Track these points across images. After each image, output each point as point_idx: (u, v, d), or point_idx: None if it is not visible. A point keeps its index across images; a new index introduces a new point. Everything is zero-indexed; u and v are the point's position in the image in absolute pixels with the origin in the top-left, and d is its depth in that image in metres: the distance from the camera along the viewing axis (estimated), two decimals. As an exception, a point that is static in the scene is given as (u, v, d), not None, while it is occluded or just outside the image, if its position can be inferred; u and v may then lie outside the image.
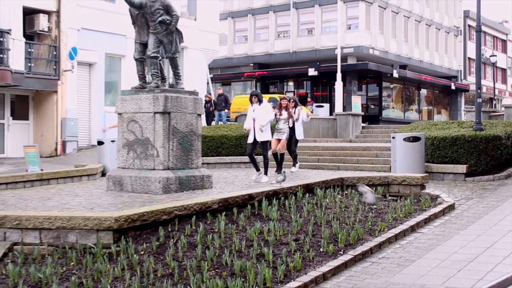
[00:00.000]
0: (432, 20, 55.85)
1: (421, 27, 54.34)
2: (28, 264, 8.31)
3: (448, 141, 16.80)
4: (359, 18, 46.50)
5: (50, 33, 27.90)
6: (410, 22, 52.62)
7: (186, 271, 7.70)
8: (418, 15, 53.59)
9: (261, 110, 15.56)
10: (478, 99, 18.66)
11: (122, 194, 13.42)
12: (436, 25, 56.72)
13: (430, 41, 55.90)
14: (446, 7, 58.86)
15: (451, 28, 59.86)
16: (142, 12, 13.96)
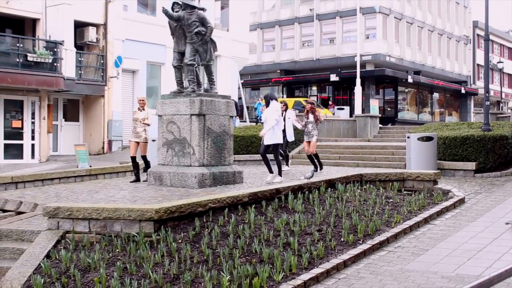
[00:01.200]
0: (443, 29, 55.34)
1: (433, 36, 53.87)
2: (78, 250, 8.38)
3: (459, 140, 16.68)
4: (376, 28, 46.25)
5: (98, 43, 28.13)
6: (424, 32, 52.20)
7: (219, 258, 7.71)
8: (431, 25, 53.13)
9: (267, 112, 14.50)
10: (487, 102, 18.51)
11: (162, 188, 13.49)
12: (447, 34, 56.19)
13: (442, 49, 55.41)
14: (457, 17, 58.31)
15: (461, 37, 59.27)
16: (180, 24, 14.02)
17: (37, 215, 10.75)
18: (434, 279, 7.24)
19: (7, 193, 13.60)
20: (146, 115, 15.15)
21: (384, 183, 13.00)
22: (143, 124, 15.05)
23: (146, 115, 15.14)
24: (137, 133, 15.11)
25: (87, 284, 7.30)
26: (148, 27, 29.18)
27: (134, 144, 15.18)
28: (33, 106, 25.26)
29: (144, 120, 15.04)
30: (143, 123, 15.07)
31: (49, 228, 9.11)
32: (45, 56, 24.41)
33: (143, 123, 15.07)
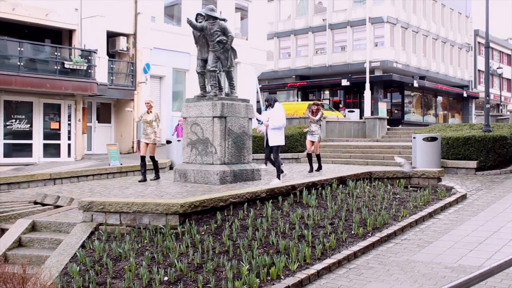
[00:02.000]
0: (447, 38, 54.99)
1: (437, 44, 53.52)
2: (110, 241, 8.43)
3: (461, 140, 16.58)
4: (384, 37, 46.03)
5: (128, 52, 28.29)
6: (428, 40, 51.89)
7: (239, 249, 7.72)
8: (435, 34, 52.80)
9: (271, 114, 13.81)
10: (487, 105, 18.39)
11: (186, 184, 13.54)
12: (450, 42, 55.83)
13: (445, 56, 55.07)
14: (459, 26, 57.89)
15: (463, 45, 58.84)
16: (203, 34, 14.06)
17: (73, 208, 10.83)
18: (438, 269, 7.20)
19: (46, 189, 13.74)
20: (154, 117, 14.71)
21: (392, 180, 12.95)
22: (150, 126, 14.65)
23: (153, 117, 14.70)
24: (146, 134, 14.73)
25: (118, 272, 7.35)
26: (174, 36, 29.30)
27: (144, 145, 14.94)
28: (70, 109, 25.47)
29: (152, 123, 14.63)
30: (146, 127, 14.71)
31: (84, 220, 9.19)
32: (81, 63, 24.60)
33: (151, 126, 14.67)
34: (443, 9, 54.68)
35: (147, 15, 28.61)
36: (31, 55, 24.17)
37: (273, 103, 13.88)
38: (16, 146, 24.20)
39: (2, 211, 10.94)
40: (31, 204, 11.93)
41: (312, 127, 15.83)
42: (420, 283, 6.69)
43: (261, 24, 36.61)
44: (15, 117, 24.12)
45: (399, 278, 6.93)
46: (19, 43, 23.63)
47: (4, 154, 23.63)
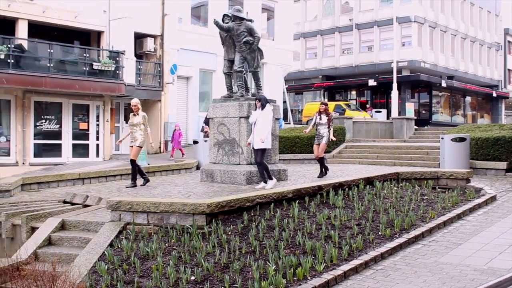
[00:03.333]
0: (475, 37, 54.29)
1: (466, 43, 52.89)
2: (138, 240, 8.49)
3: (490, 141, 16.37)
4: (412, 36, 45.63)
5: (156, 53, 28.48)
6: (456, 39, 51.30)
7: (266, 249, 7.72)
8: (463, 33, 52.20)
9: (262, 116, 12.53)
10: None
11: (213, 184, 13.58)
12: (479, 41, 55.10)
13: (474, 55, 54.37)
14: (488, 25, 57.13)
15: (493, 44, 58.04)
16: (229, 35, 14.09)
17: (101, 208, 10.95)
18: (466, 271, 7.11)
19: (75, 188, 13.91)
20: (141, 119, 13.77)
21: (420, 181, 12.82)
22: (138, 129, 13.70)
23: (141, 119, 13.76)
24: (134, 137, 13.73)
25: (145, 271, 7.39)
26: (200, 37, 29.40)
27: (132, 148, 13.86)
28: (98, 109, 25.73)
29: (139, 125, 13.72)
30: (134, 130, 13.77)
31: (112, 220, 9.27)
32: (109, 64, 24.84)
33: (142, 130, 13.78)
34: (471, 8, 54.02)
35: (174, 16, 28.76)
36: (61, 56, 24.46)
37: (264, 103, 12.70)
38: (46, 146, 24.53)
39: (32, 210, 11.10)
40: (61, 203, 12.09)
41: (321, 130, 14.47)
42: (449, 286, 6.61)
43: (288, 24, 36.56)
44: (45, 118, 24.44)
45: (427, 280, 6.86)
46: (49, 45, 23.94)
47: (35, 154, 23.97)
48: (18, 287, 6.34)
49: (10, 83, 22.24)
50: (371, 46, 48.43)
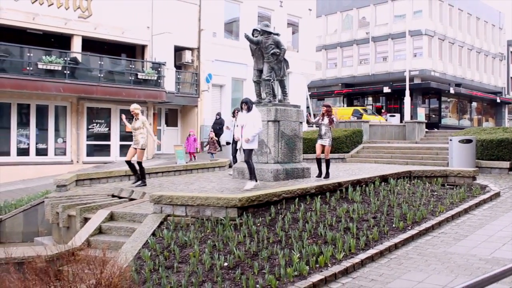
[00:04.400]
0: (481, 48, 53.43)
1: (472, 53, 52.10)
2: (177, 230, 8.54)
3: (495, 142, 16.13)
4: (423, 48, 45.11)
5: (193, 63, 28.64)
6: (463, 50, 50.55)
7: (291, 239, 7.71)
8: (470, 44, 51.42)
9: (250, 119, 11.80)
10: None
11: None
12: (484, 52, 54.21)
13: (480, 65, 53.53)
14: (492, 37, 56.14)
15: (497, 54, 57.05)
16: (258, 47, 14.10)
17: (145, 201, 11.03)
18: (473, 260, 7.02)
19: (122, 184, 14.06)
20: (141, 123, 13.35)
21: (430, 178, 12.67)
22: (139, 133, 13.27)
23: (140, 123, 13.34)
24: (136, 140, 13.29)
25: (184, 257, 7.44)
26: (232, 49, 29.49)
27: (132, 150, 13.42)
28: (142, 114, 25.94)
29: (140, 129, 13.30)
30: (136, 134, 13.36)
31: (154, 212, 9.34)
32: (152, 74, 25.06)
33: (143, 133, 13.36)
34: (477, 22, 53.19)
35: (209, 31, 28.90)
36: (110, 68, 24.76)
37: (251, 106, 11.96)
38: (96, 146, 24.85)
39: (85, 202, 11.25)
40: (110, 197, 12.22)
41: (323, 130, 13.53)
42: (456, 273, 6.53)
43: (310, 37, 36.47)
44: (96, 122, 24.77)
45: (436, 268, 6.79)
46: (100, 57, 24.27)
47: (87, 153, 24.31)
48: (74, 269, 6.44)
49: (66, 91, 22.59)
50: (386, 56, 48.04)
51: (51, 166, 22.15)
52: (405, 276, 6.54)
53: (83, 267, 6.38)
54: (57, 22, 23.64)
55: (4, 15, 22.17)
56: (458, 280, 6.23)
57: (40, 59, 22.04)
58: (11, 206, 14.70)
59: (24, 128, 22.91)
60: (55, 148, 23.68)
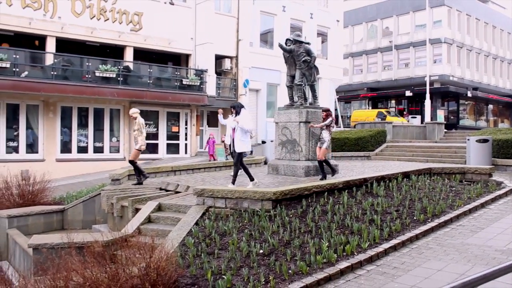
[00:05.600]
0: (497, 54, 52.04)
1: (488, 60, 50.79)
2: (217, 220, 8.60)
3: (510, 142, 15.72)
4: (442, 54, 44.26)
5: (231, 70, 28.75)
6: (480, 56, 49.35)
7: (320, 229, 7.68)
8: (486, 51, 50.17)
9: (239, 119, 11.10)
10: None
11: (278, 176, 13.59)
12: (500, 58, 52.78)
13: (496, 70, 52.14)
14: (508, 44, 54.58)
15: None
16: (291, 55, 14.07)
17: (189, 194, 11.13)
18: (489, 251, 6.86)
19: (168, 178, 14.21)
20: (137, 125, 13.05)
21: (448, 175, 12.42)
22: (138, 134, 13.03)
23: (137, 125, 13.06)
24: (136, 140, 13.23)
25: (223, 245, 7.49)
26: (267, 57, 29.51)
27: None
28: (186, 116, 26.22)
29: (137, 130, 13.04)
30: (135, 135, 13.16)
31: (197, 203, 9.40)
32: (195, 80, 25.27)
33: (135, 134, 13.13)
34: (493, 30, 51.83)
35: (247, 41, 28.97)
36: (158, 75, 25.07)
37: (239, 110, 11.21)
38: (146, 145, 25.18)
39: (136, 195, 11.42)
40: (158, 190, 12.36)
41: (322, 134, 12.46)
42: (473, 263, 6.39)
43: (338, 46, 36.21)
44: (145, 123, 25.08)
45: (454, 257, 6.66)
46: (149, 65, 24.61)
47: (137, 151, 24.68)
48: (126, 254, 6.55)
49: (119, 96, 22.98)
50: (408, 63, 47.32)
51: (106, 162, 22.58)
52: (425, 265, 6.44)
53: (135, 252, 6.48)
54: (112, 35, 24.06)
55: (67, 30, 22.69)
56: (475, 269, 6.10)
57: (97, 67, 22.50)
58: (72, 197, 15.04)
59: (83, 128, 23.40)
60: (110, 146, 24.12)
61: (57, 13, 22.58)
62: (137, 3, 24.81)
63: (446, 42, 44.06)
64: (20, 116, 21.81)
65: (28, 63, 21.62)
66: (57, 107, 22.62)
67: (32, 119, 22.19)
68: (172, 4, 25.82)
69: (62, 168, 21.58)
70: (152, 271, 5.76)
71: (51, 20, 22.44)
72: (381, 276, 6.13)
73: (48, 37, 22.49)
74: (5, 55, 20.26)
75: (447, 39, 44.11)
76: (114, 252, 7.64)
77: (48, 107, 22.37)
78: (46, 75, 21.53)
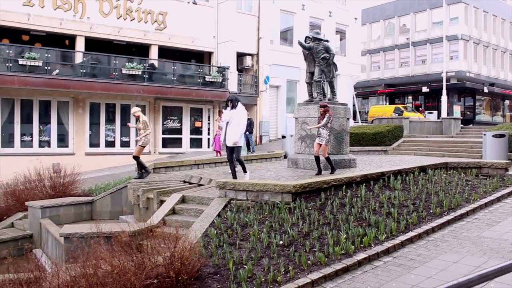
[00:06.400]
0: (514, 50, 51.23)
1: (505, 56, 49.82)
2: (239, 212, 8.60)
3: (527, 137, 15.41)
4: (459, 51, 43.56)
5: (252, 67, 28.74)
6: (497, 53, 48.43)
7: (338, 221, 7.64)
8: (503, 47, 49.21)
9: (235, 116, 10.64)
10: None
11: (297, 170, 13.56)
12: (517, 54, 51.94)
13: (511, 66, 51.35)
14: (525, 41, 53.72)
15: (529, 56, 54.53)
16: (310, 52, 14.00)
17: (211, 187, 11.14)
18: (504, 244, 6.75)
19: (192, 171, 14.27)
20: (141, 124, 12.98)
21: (465, 169, 12.22)
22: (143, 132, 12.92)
23: (141, 124, 12.99)
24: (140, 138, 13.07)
25: (244, 236, 7.50)
26: (287, 55, 29.41)
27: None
28: (209, 112, 26.32)
29: (141, 129, 12.96)
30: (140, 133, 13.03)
31: (220, 196, 9.41)
32: (217, 77, 25.33)
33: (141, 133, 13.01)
34: (510, 27, 50.78)
35: (267, 39, 28.91)
36: (181, 72, 25.21)
37: (236, 103, 10.71)
38: (170, 139, 25.38)
39: (161, 187, 11.50)
40: (181, 183, 12.41)
41: (320, 130, 12.02)
42: (489, 256, 6.30)
43: (356, 43, 35.90)
44: (169, 118, 25.29)
45: (470, 250, 6.57)
46: (173, 63, 24.75)
47: (162, 145, 24.90)
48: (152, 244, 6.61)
49: (145, 93, 23.18)
50: (425, 59, 46.70)
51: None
52: (441, 257, 6.36)
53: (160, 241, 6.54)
54: (138, 34, 24.25)
55: (95, 29, 22.94)
56: (491, 262, 6.01)
57: (123, 65, 22.71)
58: (100, 189, 15.24)
59: (111, 123, 23.67)
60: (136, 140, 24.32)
61: (86, 13, 22.83)
62: (161, 3, 24.93)
63: (463, 38, 43.36)
64: (52, 112, 22.16)
65: (59, 62, 21.95)
66: (86, 103, 22.91)
67: (63, 114, 22.52)
68: (195, 4, 25.89)
69: (91, 161, 21.89)
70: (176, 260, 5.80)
71: (81, 20, 22.70)
72: (398, 268, 6.09)
73: (78, 37, 22.78)
74: (38, 54, 20.61)
75: (464, 36, 43.40)
76: (140, 242, 7.71)
77: (78, 103, 22.67)
78: (76, 73, 21.82)
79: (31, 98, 21.50)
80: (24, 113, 21.50)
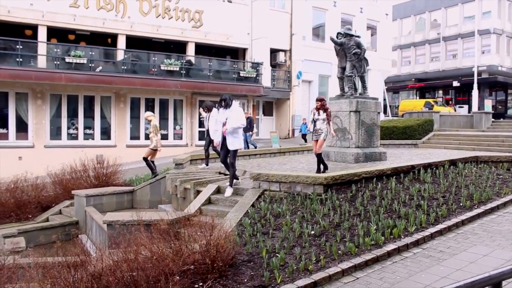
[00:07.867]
0: (548, 44, 49.22)
1: (539, 50, 48.11)
2: (272, 203, 8.61)
3: (560, 131, 14.80)
4: (491, 45, 42.17)
5: (285, 63, 28.64)
6: (531, 47, 46.80)
7: (369, 213, 7.56)
8: (537, 42, 47.54)
9: (231, 114, 9.62)
10: None
11: (329, 162, 13.44)
12: (551, 48, 49.89)
13: (546, 60, 49.34)
14: (560, 34, 51.53)
15: None
16: (342, 48, 13.84)
17: (245, 178, 11.18)
18: (537, 237, 6.54)
19: (226, 163, 14.31)
20: (151, 128, 13.67)
21: (496, 163, 11.86)
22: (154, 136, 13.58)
23: (152, 128, 13.66)
24: (151, 140, 13.76)
25: (277, 225, 7.51)
26: (319, 50, 29.17)
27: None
28: (243, 106, 26.35)
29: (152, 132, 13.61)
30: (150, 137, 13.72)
31: (253, 187, 9.44)
32: (251, 73, 25.35)
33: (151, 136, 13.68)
34: (545, 20, 48.89)
35: (299, 35, 28.74)
36: (217, 67, 25.33)
37: (230, 102, 9.69)
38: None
39: (197, 178, 11.60)
40: (217, 174, 12.46)
41: (317, 125, 11.10)
42: (521, 248, 6.12)
43: (387, 39, 35.29)
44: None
45: (501, 243, 6.39)
46: (209, 59, 24.88)
47: (199, 138, 25.12)
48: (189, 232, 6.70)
49: (182, 88, 23.42)
50: (455, 54, 45.47)
51: (170, 148, 23.12)
52: (471, 250, 6.22)
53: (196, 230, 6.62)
54: (175, 32, 24.48)
55: (135, 28, 23.28)
56: (522, 255, 5.84)
57: (162, 62, 23.00)
58: (140, 180, 15.52)
59: (150, 117, 24.03)
60: (174, 133, 24.67)
61: (127, 13, 23.20)
62: (198, 2, 25.08)
63: (495, 32, 41.96)
64: (95, 106, 22.66)
65: (102, 59, 22.41)
66: (127, 98, 23.33)
67: (106, 109, 23.00)
68: (230, 2, 25.93)
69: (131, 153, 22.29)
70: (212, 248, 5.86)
71: (122, 20, 23.08)
72: (427, 259, 5.98)
73: (119, 35, 23.18)
74: (83, 52, 21.10)
75: (496, 30, 41.99)
76: (178, 230, 7.81)
77: (119, 98, 23.10)
78: (118, 70, 22.24)
79: (76, 94, 22.05)
80: (70, 107, 22.07)
